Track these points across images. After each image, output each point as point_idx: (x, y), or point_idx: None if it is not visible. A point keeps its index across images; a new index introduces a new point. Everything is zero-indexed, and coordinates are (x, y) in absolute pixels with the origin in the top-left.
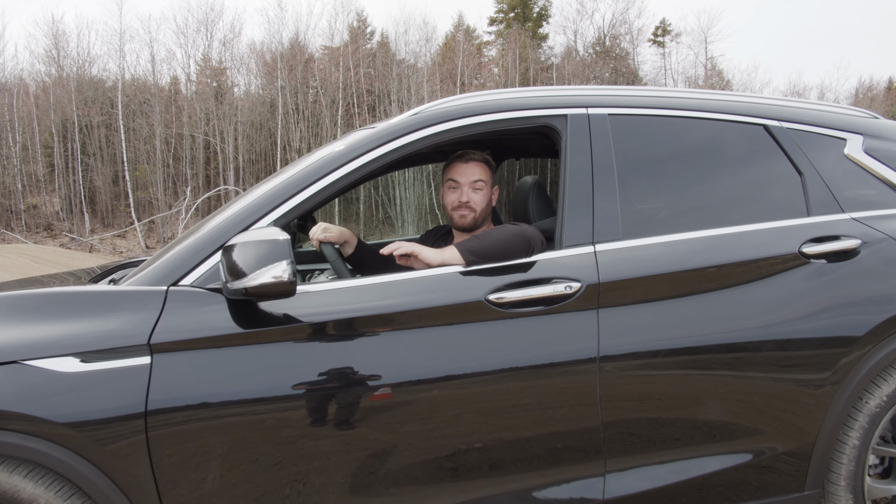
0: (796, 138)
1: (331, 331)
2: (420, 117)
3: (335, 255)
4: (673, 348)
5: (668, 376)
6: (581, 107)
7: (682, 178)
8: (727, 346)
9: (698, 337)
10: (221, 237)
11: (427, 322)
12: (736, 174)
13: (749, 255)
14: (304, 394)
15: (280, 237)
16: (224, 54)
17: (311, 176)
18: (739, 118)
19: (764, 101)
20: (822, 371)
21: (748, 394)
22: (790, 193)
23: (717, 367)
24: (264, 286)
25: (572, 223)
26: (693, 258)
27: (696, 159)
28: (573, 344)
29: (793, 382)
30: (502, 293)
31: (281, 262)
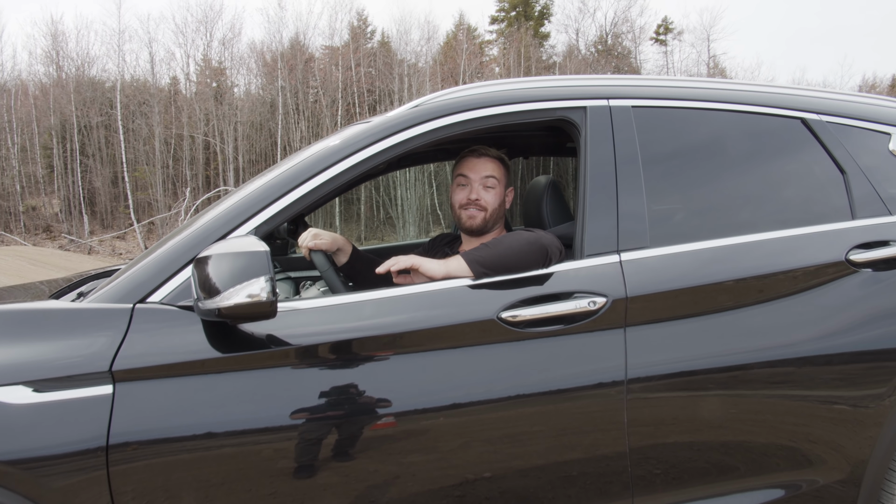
0: (837, 133)
1: (321, 355)
2: (421, 110)
3: (326, 264)
4: (709, 368)
5: (705, 399)
6: (602, 98)
7: (713, 179)
8: (770, 363)
9: (737, 355)
10: (194, 248)
11: (430, 345)
12: (772, 173)
13: (791, 264)
14: (289, 426)
15: (257, 248)
16: (224, 54)
17: (299, 176)
18: (774, 111)
19: (801, 93)
20: (878, 387)
21: (797, 415)
22: (832, 193)
23: (760, 387)
24: (239, 307)
25: (594, 229)
26: (729, 268)
27: (729, 157)
28: (597, 365)
29: (846, 401)
30: (517, 310)
31: (258, 279)
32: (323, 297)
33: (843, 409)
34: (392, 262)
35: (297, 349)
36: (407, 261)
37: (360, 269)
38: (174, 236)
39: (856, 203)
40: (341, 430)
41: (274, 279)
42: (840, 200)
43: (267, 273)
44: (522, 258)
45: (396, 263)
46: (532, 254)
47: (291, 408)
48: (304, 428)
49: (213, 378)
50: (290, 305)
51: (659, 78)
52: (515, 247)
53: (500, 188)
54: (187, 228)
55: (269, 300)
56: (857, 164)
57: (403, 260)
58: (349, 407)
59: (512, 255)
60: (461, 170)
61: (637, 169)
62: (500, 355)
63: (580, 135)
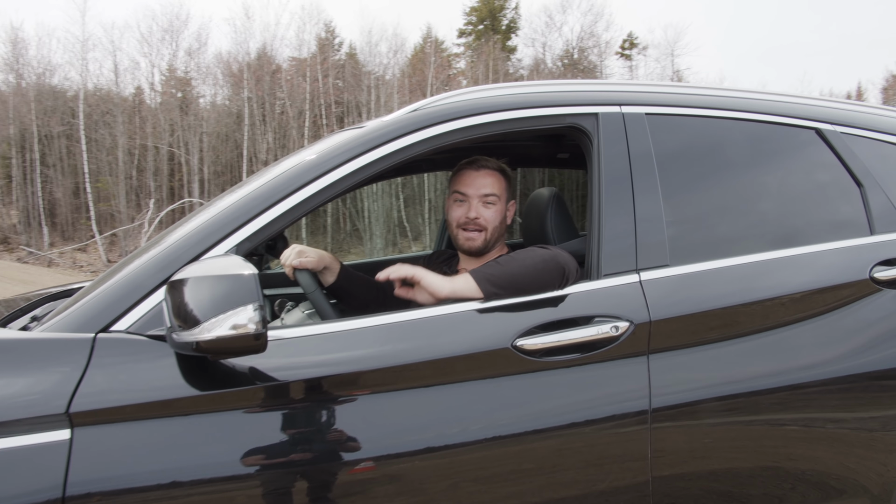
0: (852, 144)
1: (312, 392)
2: (420, 115)
3: (314, 285)
4: (736, 393)
5: (733, 428)
6: (614, 104)
7: (729, 192)
8: (800, 386)
9: (764, 379)
10: (166, 268)
11: (440, 378)
12: (788, 186)
13: (817, 283)
14: (279, 473)
15: (244, 271)
16: (189, 64)
17: (286, 188)
18: (789, 120)
19: (816, 103)
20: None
21: (830, 441)
22: (849, 207)
23: (790, 412)
24: (222, 341)
25: (611, 246)
26: (755, 288)
27: (745, 169)
28: (620, 396)
29: (879, 423)
30: (533, 338)
31: (245, 308)
32: (313, 324)
33: (877, 433)
34: (395, 268)
35: (286, 385)
36: (410, 270)
37: (350, 290)
38: (142, 254)
39: (874, 218)
40: (337, 475)
41: (264, 308)
42: (857, 215)
43: (255, 300)
44: (537, 278)
45: (399, 270)
46: (548, 273)
47: (283, 453)
48: (296, 475)
49: (189, 420)
50: (276, 334)
51: (672, 84)
52: (530, 265)
53: (501, 203)
54: (158, 245)
55: (258, 332)
56: (874, 177)
57: (407, 269)
58: (344, 450)
59: (526, 274)
60: (458, 185)
61: (654, 181)
62: (517, 388)
63: (592, 143)
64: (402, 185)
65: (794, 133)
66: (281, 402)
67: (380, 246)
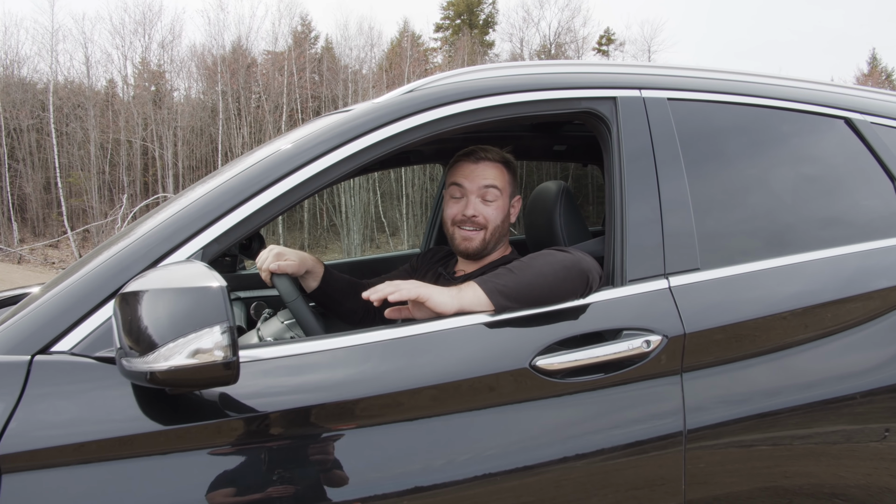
0: (885, 136)
1: (295, 425)
2: (416, 97)
3: (295, 292)
4: (778, 410)
5: (774, 447)
6: (633, 88)
7: (760, 186)
8: (845, 399)
9: (807, 393)
10: (117, 276)
11: (446, 405)
12: (818, 179)
13: (864, 287)
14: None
15: (210, 283)
16: (163, 57)
17: (261, 180)
18: (817, 108)
19: (845, 91)
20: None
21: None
22: (882, 204)
23: (836, 425)
24: (182, 371)
25: (637, 247)
26: (795, 293)
27: (775, 161)
28: (652, 417)
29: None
30: (554, 356)
31: (211, 329)
32: (294, 342)
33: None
34: (390, 288)
35: (264, 418)
36: (413, 291)
37: (335, 296)
38: (91, 259)
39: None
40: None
41: (234, 329)
42: (889, 210)
43: (223, 320)
44: (558, 287)
45: (398, 292)
46: (569, 281)
47: (264, 499)
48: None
49: (148, 462)
50: (250, 354)
51: (694, 68)
52: (549, 273)
53: (504, 199)
54: (111, 247)
55: (227, 361)
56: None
57: (407, 289)
58: (334, 497)
59: (545, 284)
60: (455, 177)
61: (681, 175)
62: (537, 415)
63: (610, 131)
64: (379, 181)
65: (821, 123)
66: (256, 438)
67: (357, 241)
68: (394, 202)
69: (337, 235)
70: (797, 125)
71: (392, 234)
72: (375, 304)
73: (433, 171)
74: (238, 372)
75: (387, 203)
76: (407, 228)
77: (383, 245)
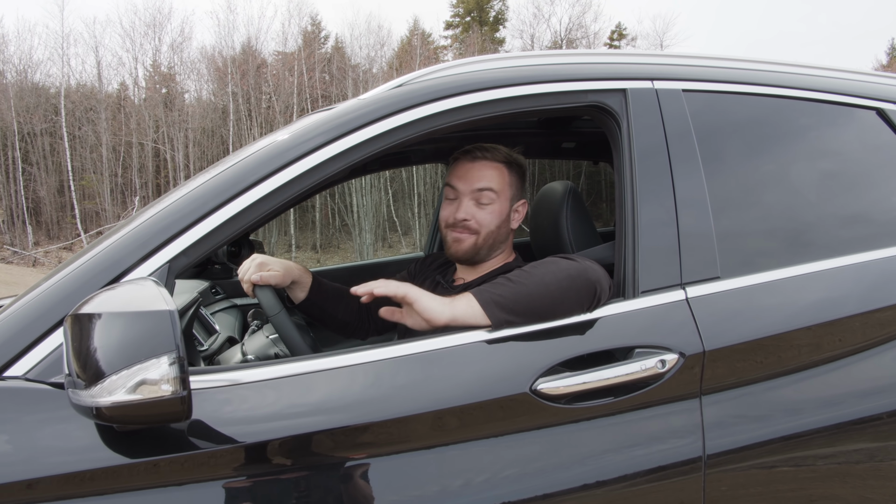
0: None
1: (272, 458)
2: (406, 92)
3: (278, 306)
4: (807, 431)
5: (799, 469)
6: (645, 79)
7: (784, 185)
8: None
9: (839, 412)
10: (74, 294)
11: (436, 438)
12: (848, 176)
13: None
14: None
15: (157, 306)
16: (173, 59)
17: (235, 184)
18: (846, 99)
19: (877, 80)
20: None
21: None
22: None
23: (868, 443)
24: (126, 408)
25: (650, 254)
26: (827, 303)
27: (802, 157)
28: (668, 443)
29: None
30: (558, 378)
31: (159, 359)
32: (270, 364)
33: None
34: (379, 284)
35: (243, 450)
36: (398, 289)
37: (325, 306)
38: (56, 273)
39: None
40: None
41: (183, 359)
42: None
43: (171, 349)
44: (562, 300)
45: (384, 287)
46: (575, 293)
47: None
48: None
49: (111, 501)
50: (229, 377)
51: (711, 57)
52: (552, 283)
53: (502, 202)
54: (77, 260)
55: (176, 396)
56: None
57: (394, 286)
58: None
59: (547, 295)
60: (450, 178)
61: (697, 171)
62: (537, 446)
63: (619, 126)
64: (390, 180)
65: (850, 114)
66: (238, 471)
67: (369, 241)
68: (405, 201)
69: (349, 235)
70: (825, 117)
71: (404, 234)
72: (363, 300)
73: (445, 170)
74: (190, 408)
75: (398, 202)
76: (419, 227)
77: (395, 244)
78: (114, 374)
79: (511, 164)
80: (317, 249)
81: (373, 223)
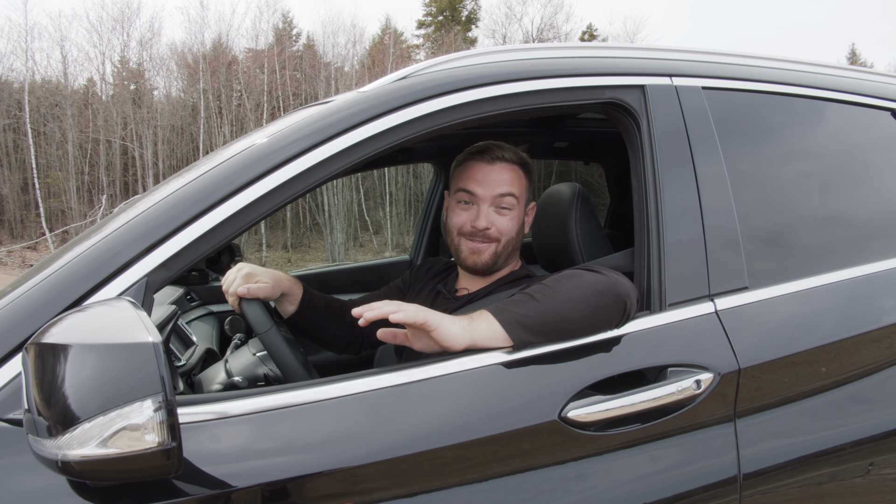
0: None
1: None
2: (411, 85)
3: (268, 322)
4: (845, 444)
5: (838, 482)
6: (664, 75)
7: (806, 188)
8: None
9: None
10: (32, 317)
11: (455, 476)
12: (863, 180)
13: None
14: None
15: (138, 338)
16: (142, 55)
17: (223, 187)
18: (860, 99)
19: (891, 80)
20: None
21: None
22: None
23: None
24: (101, 463)
25: (676, 264)
26: (861, 314)
27: (823, 158)
28: (701, 465)
29: None
30: (590, 404)
31: (141, 403)
32: (273, 391)
33: None
34: (391, 308)
35: (239, 495)
36: (417, 315)
37: (316, 321)
38: (9, 291)
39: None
40: None
41: (172, 402)
42: None
43: (157, 390)
44: (590, 317)
45: (401, 313)
46: (604, 309)
47: None
48: None
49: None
50: (217, 409)
51: (730, 53)
52: (579, 299)
53: (520, 207)
54: (35, 275)
55: (162, 449)
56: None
57: (412, 313)
58: None
59: (575, 313)
60: (464, 181)
61: (721, 174)
62: (567, 479)
63: (638, 125)
64: (361, 179)
65: (864, 115)
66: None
67: (341, 241)
68: (378, 201)
69: (320, 234)
70: (840, 117)
71: (376, 233)
72: (362, 323)
73: (418, 169)
74: (180, 462)
75: (370, 202)
76: (391, 227)
77: (367, 244)
78: (86, 422)
79: (524, 166)
80: (287, 249)
81: (344, 223)
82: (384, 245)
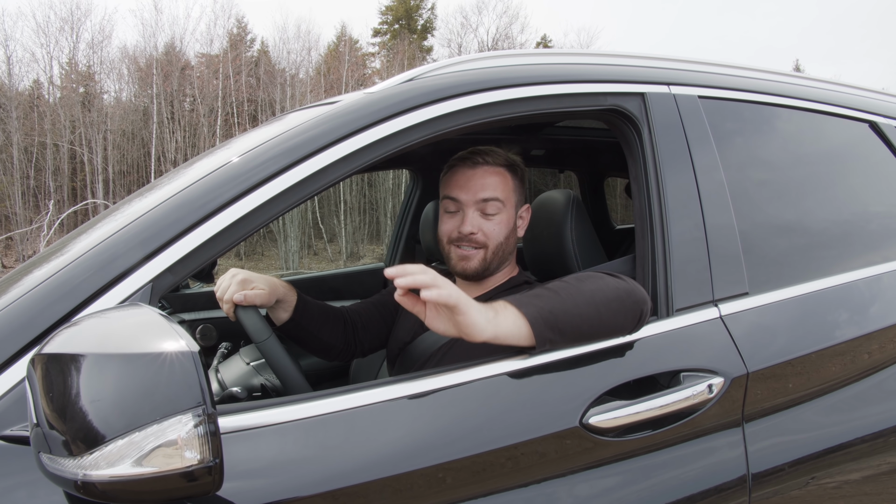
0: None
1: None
2: (419, 87)
3: (266, 330)
4: (851, 441)
5: (845, 482)
6: (662, 83)
7: (796, 195)
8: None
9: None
10: (30, 324)
11: (477, 486)
12: (847, 186)
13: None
14: None
15: (174, 346)
16: (92, 57)
17: (241, 182)
18: (842, 111)
19: (871, 94)
20: None
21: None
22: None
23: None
24: (133, 483)
25: (682, 270)
26: (861, 315)
27: (808, 167)
28: (712, 466)
29: None
30: (610, 410)
31: (181, 418)
32: (276, 405)
33: None
34: (427, 279)
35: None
36: (451, 295)
37: (310, 329)
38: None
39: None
40: None
41: (215, 415)
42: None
43: (198, 402)
44: (609, 321)
45: (435, 289)
46: (623, 314)
47: None
48: None
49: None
50: (229, 422)
51: (723, 64)
52: (601, 303)
53: (508, 210)
54: (23, 278)
55: (203, 466)
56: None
57: (447, 291)
58: None
59: (596, 315)
60: (449, 188)
61: (720, 181)
62: (588, 487)
63: (639, 132)
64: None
65: (845, 126)
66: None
67: (295, 248)
68: (331, 208)
69: (274, 242)
70: (823, 128)
71: (330, 241)
72: (399, 291)
73: (372, 177)
74: (221, 478)
75: (325, 209)
76: (344, 235)
77: (321, 252)
78: (119, 439)
79: (512, 168)
80: (241, 256)
81: (298, 230)
82: (338, 254)
